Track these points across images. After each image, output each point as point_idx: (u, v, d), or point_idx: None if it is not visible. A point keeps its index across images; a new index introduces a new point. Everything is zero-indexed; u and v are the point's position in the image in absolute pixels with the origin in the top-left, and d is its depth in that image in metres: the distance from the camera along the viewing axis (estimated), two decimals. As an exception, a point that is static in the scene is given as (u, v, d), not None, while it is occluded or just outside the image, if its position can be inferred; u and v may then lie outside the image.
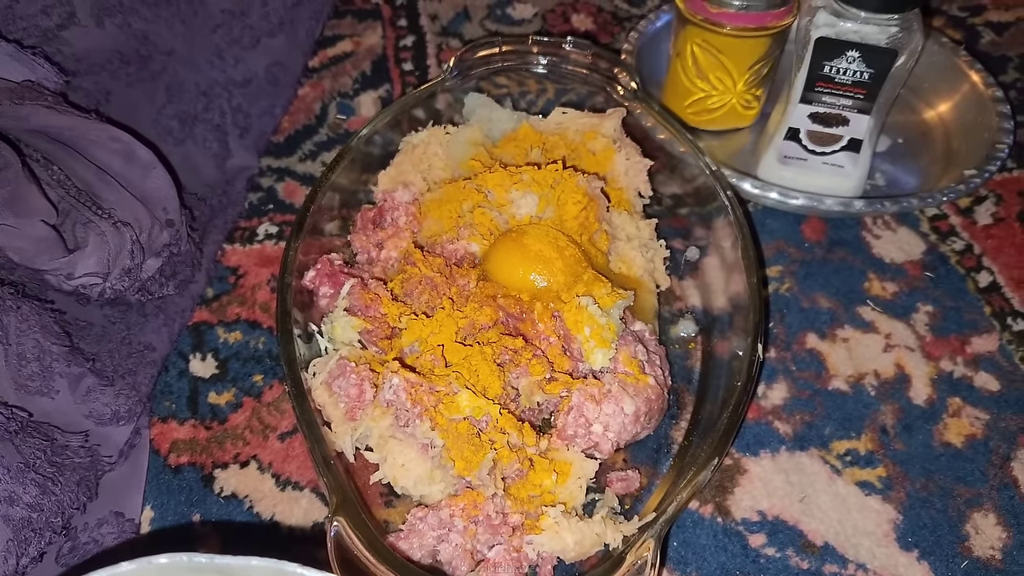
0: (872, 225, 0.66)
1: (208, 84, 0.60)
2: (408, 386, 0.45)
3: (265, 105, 0.67)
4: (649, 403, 0.48)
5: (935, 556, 0.48)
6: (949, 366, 0.57)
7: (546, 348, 0.49)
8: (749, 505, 0.50)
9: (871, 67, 0.59)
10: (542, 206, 0.54)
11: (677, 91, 0.70)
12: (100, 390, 0.46)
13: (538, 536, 0.44)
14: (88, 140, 0.48)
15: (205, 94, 0.60)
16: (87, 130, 0.48)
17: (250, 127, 0.64)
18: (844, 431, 0.53)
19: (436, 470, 0.45)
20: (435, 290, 0.51)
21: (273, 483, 0.50)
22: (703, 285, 0.58)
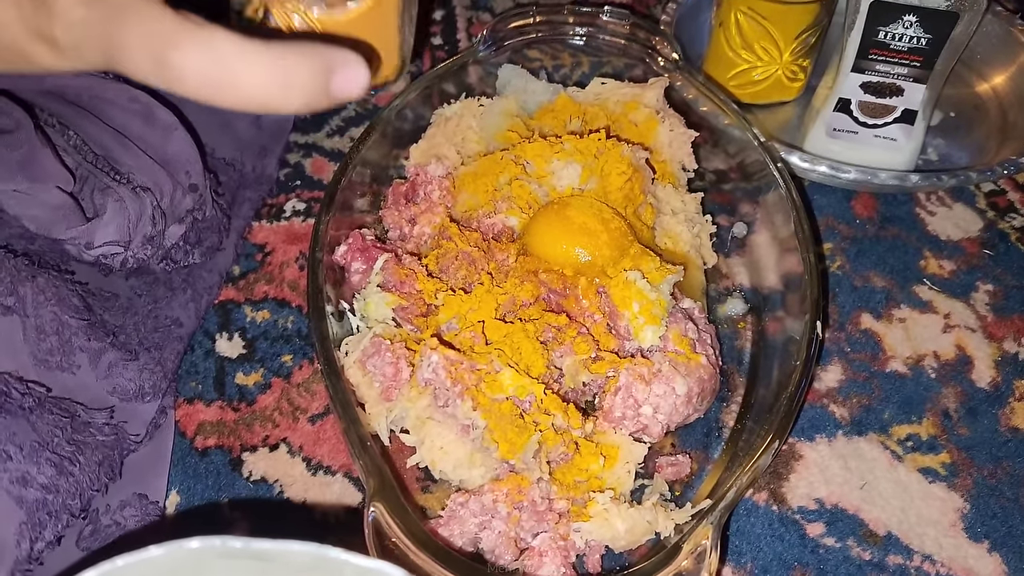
0: (926, 201, 0.62)
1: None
2: (448, 364, 0.42)
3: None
4: (701, 383, 0.45)
5: (1007, 548, 0.45)
6: (1013, 347, 0.54)
7: (591, 325, 0.46)
8: (805, 492, 0.47)
9: (929, 32, 0.56)
10: (585, 177, 0.51)
11: (720, 63, 0.67)
12: (123, 365, 0.43)
13: (586, 523, 0.41)
14: (105, 101, 0.45)
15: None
16: (104, 90, 0.45)
17: None
18: (904, 415, 0.50)
19: (476, 453, 0.43)
20: (473, 265, 0.48)
21: (304, 467, 0.48)
22: (752, 262, 0.55)
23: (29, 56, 0.29)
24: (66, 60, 0.28)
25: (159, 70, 0.27)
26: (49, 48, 0.28)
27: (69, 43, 0.28)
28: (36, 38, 0.28)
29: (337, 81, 0.29)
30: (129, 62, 0.27)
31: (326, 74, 0.29)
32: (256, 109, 0.28)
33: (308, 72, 0.28)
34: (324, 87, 0.29)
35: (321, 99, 0.29)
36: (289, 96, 0.28)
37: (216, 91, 0.27)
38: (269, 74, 0.28)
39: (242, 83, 0.27)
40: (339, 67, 0.29)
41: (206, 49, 0.27)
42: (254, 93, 0.28)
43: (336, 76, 0.29)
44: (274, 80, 0.28)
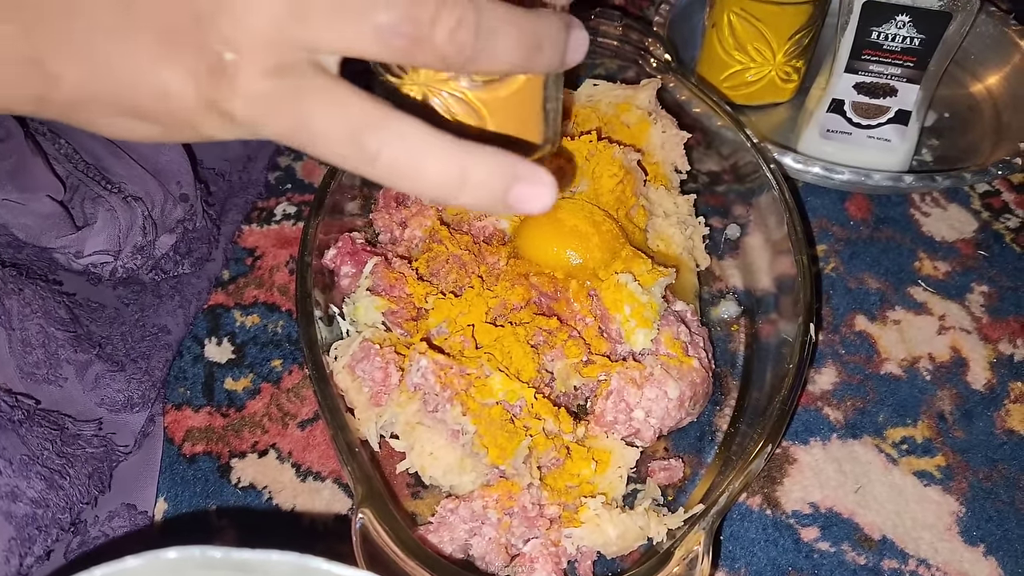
0: (920, 202, 0.62)
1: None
2: (437, 368, 0.42)
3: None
4: (694, 387, 0.45)
5: (1004, 552, 0.45)
6: (1009, 349, 0.53)
7: (582, 329, 0.46)
8: (800, 496, 0.47)
9: (922, 32, 0.56)
10: (576, 179, 0.51)
11: (712, 64, 0.66)
12: (110, 376, 0.43)
13: (577, 529, 0.41)
14: (96, 109, 0.45)
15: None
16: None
17: None
18: (899, 418, 0.50)
19: (467, 459, 0.42)
20: (463, 269, 0.48)
21: (293, 473, 0.47)
22: (745, 265, 0.55)
23: (197, 126, 0.27)
24: (238, 131, 0.28)
25: (352, 151, 0.27)
26: (222, 121, 0.27)
27: (248, 118, 0.27)
28: (209, 110, 0.27)
29: (519, 192, 0.28)
30: (319, 142, 0.27)
31: (508, 180, 0.28)
32: (426, 197, 0.28)
33: (488, 175, 0.28)
34: (502, 193, 0.28)
35: (496, 205, 0.28)
36: (463, 193, 0.28)
37: (399, 178, 0.27)
38: (451, 169, 0.27)
39: (426, 175, 0.27)
40: (525, 179, 0.28)
41: (401, 137, 0.27)
42: (432, 184, 0.27)
43: (519, 186, 0.28)
44: (453, 175, 0.27)
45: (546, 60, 0.30)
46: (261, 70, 0.26)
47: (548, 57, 0.30)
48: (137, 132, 0.28)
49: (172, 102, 0.26)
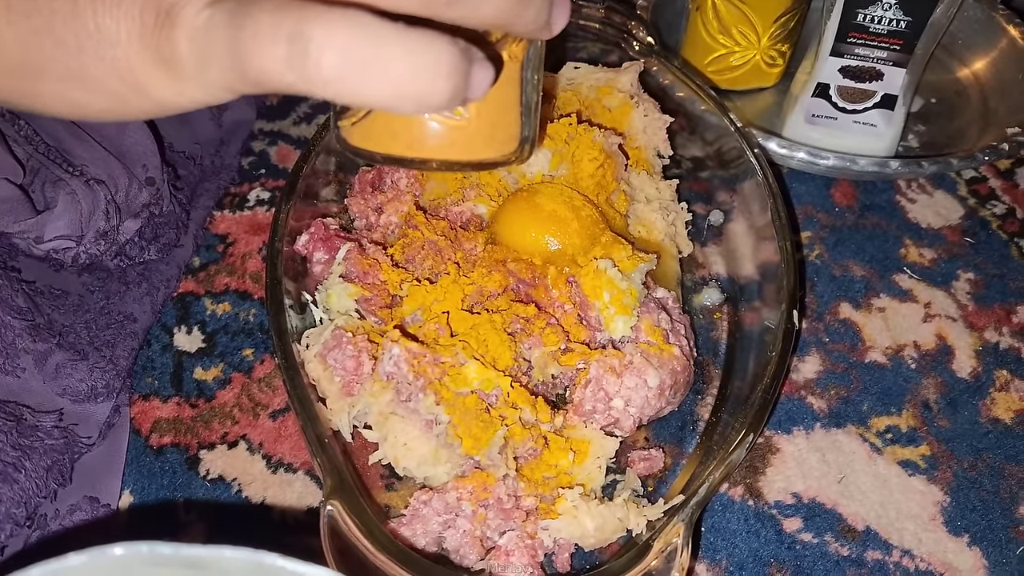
0: (906, 189, 0.61)
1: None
2: (410, 356, 0.41)
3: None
4: (674, 375, 0.43)
5: (987, 541, 0.44)
6: (994, 337, 0.53)
7: (561, 316, 0.45)
8: (782, 487, 0.46)
9: (909, 14, 0.55)
10: (555, 163, 0.49)
11: (697, 48, 0.65)
12: (72, 365, 0.41)
13: (554, 521, 0.40)
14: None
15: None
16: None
17: None
18: (883, 407, 0.49)
19: (441, 449, 0.41)
20: (439, 255, 0.47)
21: (264, 465, 0.46)
22: (728, 251, 0.54)
23: (143, 86, 0.26)
24: (186, 86, 0.25)
25: (295, 56, 0.23)
26: (168, 74, 0.25)
27: (193, 56, 0.25)
28: (155, 60, 0.25)
29: (474, 75, 0.26)
30: (259, 56, 0.24)
31: (469, 64, 0.25)
32: (392, 102, 0.25)
33: (456, 57, 0.25)
34: (466, 78, 0.25)
35: (459, 93, 0.25)
36: (436, 85, 0.25)
37: (360, 77, 0.24)
38: (421, 54, 0.24)
39: (394, 66, 0.24)
40: (476, 60, 0.26)
41: (351, 22, 0.23)
42: (403, 80, 0.24)
43: (475, 68, 0.26)
44: (425, 62, 0.24)
45: (531, 18, 0.28)
46: (202, 3, 0.24)
47: (534, 15, 0.28)
48: (85, 104, 0.26)
49: (118, 58, 0.25)
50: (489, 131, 0.33)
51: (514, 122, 0.34)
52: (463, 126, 0.32)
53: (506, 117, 0.33)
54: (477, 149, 0.33)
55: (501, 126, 0.33)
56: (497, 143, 0.33)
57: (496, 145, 0.33)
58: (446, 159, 0.33)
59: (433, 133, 0.32)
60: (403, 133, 0.32)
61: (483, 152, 0.33)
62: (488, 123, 0.33)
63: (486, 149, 0.33)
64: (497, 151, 0.34)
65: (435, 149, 0.32)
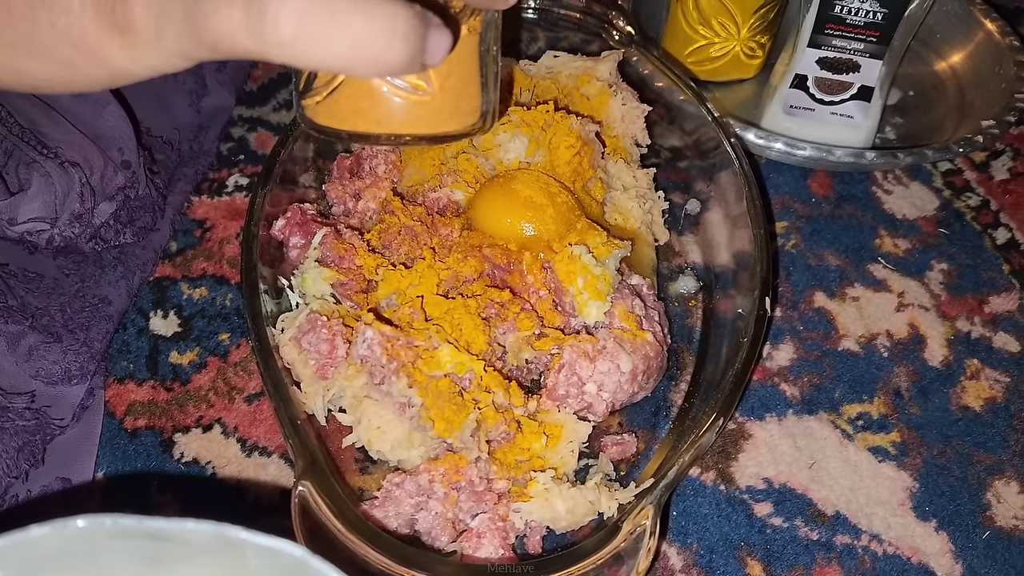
0: (882, 180, 0.62)
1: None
2: (383, 340, 0.41)
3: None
4: (647, 361, 0.44)
5: (954, 526, 0.44)
6: (966, 326, 0.53)
7: (536, 302, 0.45)
8: (754, 472, 0.46)
9: (885, 6, 0.55)
10: (532, 150, 0.50)
11: (677, 39, 0.65)
12: (45, 347, 0.41)
13: (526, 504, 0.40)
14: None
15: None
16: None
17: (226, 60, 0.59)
18: (855, 394, 0.50)
19: (415, 433, 0.41)
20: (415, 240, 0.47)
21: (238, 448, 0.46)
22: (704, 240, 0.54)
23: (98, 53, 0.25)
24: (141, 53, 0.25)
25: (252, 18, 0.23)
26: (123, 40, 0.25)
27: (149, 22, 0.24)
28: (110, 27, 0.24)
29: (431, 39, 0.26)
30: (216, 19, 0.23)
31: (426, 27, 0.26)
32: (349, 64, 0.25)
33: (412, 20, 0.25)
34: (422, 40, 0.25)
35: (416, 56, 0.25)
36: (393, 47, 0.25)
37: (317, 39, 0.24)
38: (378, 16, 0.24)
39: (351, 27, 0.24)
40: (432, 25, 0.26)
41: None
42: (360, 41, 0.24)
43: (430, 34, 0.26)
44: (382, 23, 0.24)
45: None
46: None
47: None
48: (34, 72, 0.26)
49: (72, 25, 0.25)
50: (452, 104, 0.33)
51: (475, 94, 0.34)
52: (426, 101, 0.33)
53: (467, 90, 0.34)
54: (441, 122, 0.34)
55: (463, 98, 0.34)
56: (460, 115, 0.34)
57: (459, 117, 0.34)
58: (411, 133, 0.33)
59: (397, 108, 0.32)
60: (368, 110, 0.32)
61: (447, 125, 0.34)
62: (451, 96, 0.33)
63: (450, 122, 0.34)
64: (460, 123, 0.34)
65: (400, 124, 0.33)
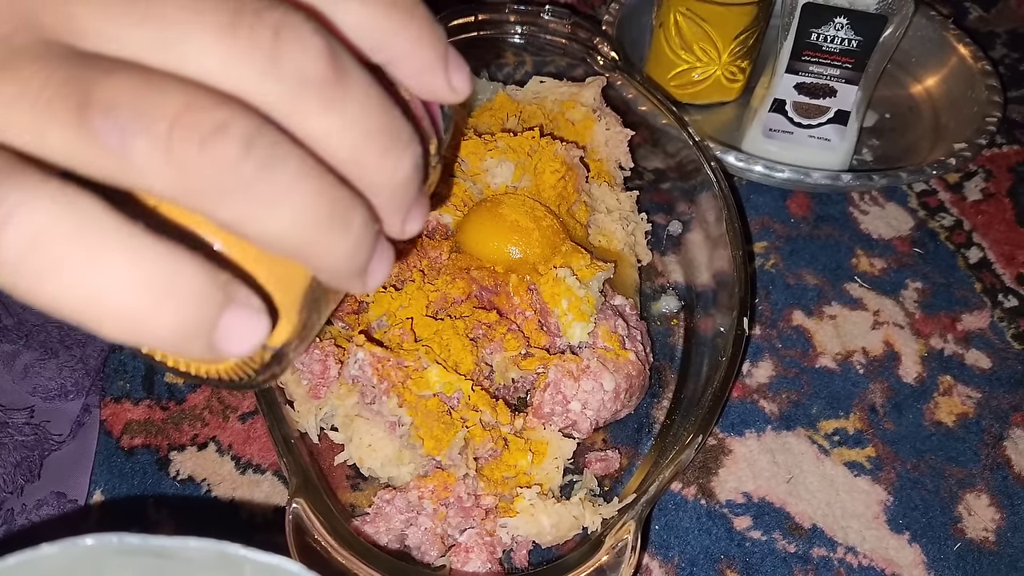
0: (859, 201, 0.64)
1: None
2: (374, 361, 0.42)
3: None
4: (630, 379, 0.45)
5: (927, 538, 0.46)
6: (939, 343, 0.55)
7: (522, 322, 0.46)
8: (734, 487, 0.48)
9: (860, 34, 0.57)
10: (518, 175, 0.51)
11: (660, 63, 0.67)
12: (41, 364, 0.43)
13: (512, 519, 0.41)
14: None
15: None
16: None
17: None
18: (832, 410, 0.51)
19: (405, 450, 0.43)
20: (405, 262, 0.48)
21: (233, 466, 0.47)
22: (686, 261, 0.56)
23: None
24: None
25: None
26: None
27: None
28: None
29: (228, 321, 0.19)
30: None
31: (220, 302, 0.19)
32: (84, 314, 0.18)
33: (201, 285, 0.19)
34: (210, 320, 0.19)
35: (195, 338, 0.19)
36: (159, 314, 0.18)
37: (48, 267, 0.18)
38: (150, 262, 0.18)
39: (103, 263, 0.18)
40: (235, 302, 0.19)
41: (68, 199, 0.18)
42: (110, 286, 0.18)
43: (229, 314, 0.19)
44: (153, 274, 0.18)
45: (340, 256, 0.21)
46: None
47: (345, 253, 0.21)
48: None
49: None
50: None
51: (295, 311, 0.25)
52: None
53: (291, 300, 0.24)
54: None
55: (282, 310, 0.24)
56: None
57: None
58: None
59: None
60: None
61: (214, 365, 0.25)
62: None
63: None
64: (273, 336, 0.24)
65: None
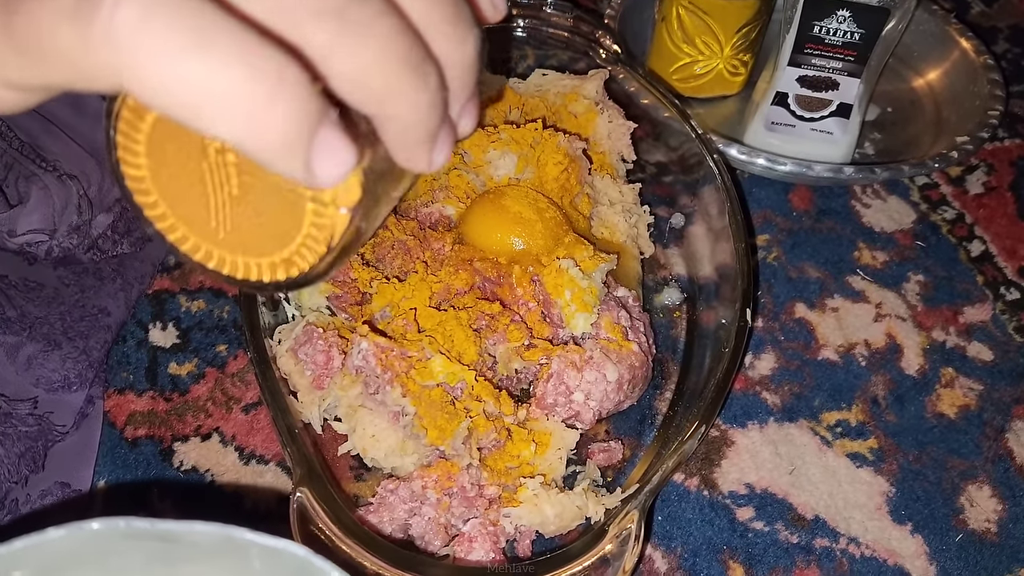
0: (861, 194, 0.64)
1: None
2: (378, 351, 0.42)
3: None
4: (633, 370, 0.45)
5: (929, 529, 0.46)
6: (941, 336, 0.55)
7: (525, 314, 0.47)
8: (736, 478, 0.48)
9: (862, 27, 0.57)
10: (521, 167, 0.51)
11: (662, 57, 0.67)
12: (44, 356, 0.43)
13: (516, 509, 0.41)
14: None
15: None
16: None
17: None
18: (834, 402, 0.51)
19: (408, 441, 0.43)
20: (408, 254, 0.48)
21: (236, 457, 0.47)
22: (688, 253, 0.56)
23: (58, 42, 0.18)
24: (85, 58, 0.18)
25: (83, 5, 0.17)
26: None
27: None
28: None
29: (324, 136, 0.19)
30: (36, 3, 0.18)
31: (320, 112, 0.19)
32: (199, 101, 0.18)
33: (305, 87, 0.18)
34: (311, 129, 0.19)
35: (297, 148, 0.19)
36: (272, 109, 0.18)
37: (163, 56, 0.17)
38: (260, 58, 0.18)
39: (217, 52, 0.18)
40: (330, 120, 0.19)
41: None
42: (227, 76, 0.18)
43: (324, 130, 0.19)
44: (265, 70, 0.18)
45: (416, 107, 0.21)
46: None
47: (423, 106, 0.21)
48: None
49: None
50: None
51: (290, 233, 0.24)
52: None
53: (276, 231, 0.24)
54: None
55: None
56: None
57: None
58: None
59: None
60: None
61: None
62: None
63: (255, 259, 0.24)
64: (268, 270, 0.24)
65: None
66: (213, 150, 0.22)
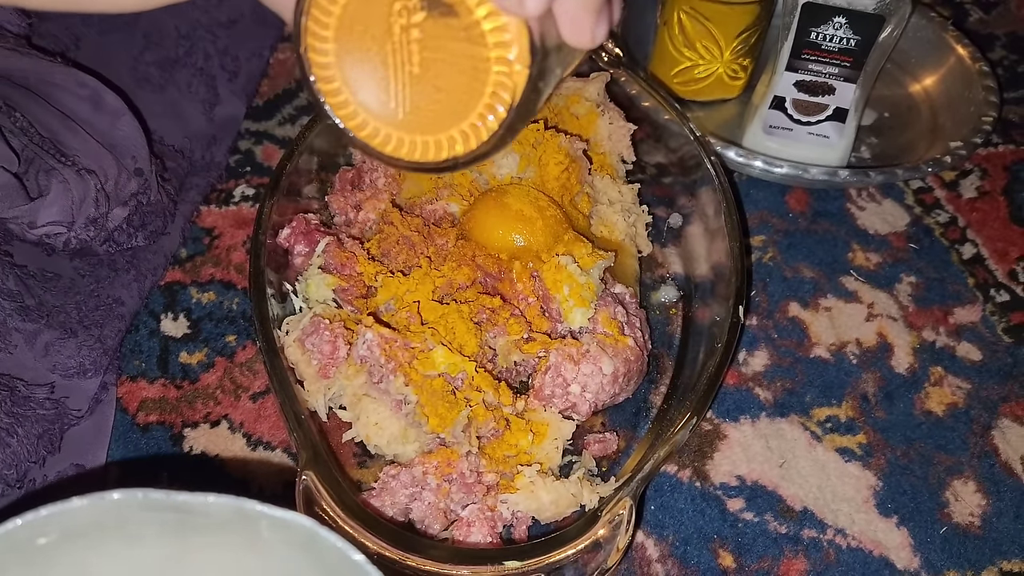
0: (856, 197, 0.65)
1: (190, 27, 0.58)
2: (382, 341, 0.44)
3: (253, 47, 0.65)
4: (628, 364, 0.47)
5: (914, 522, 0.48)
6: (931, 336, 0.56)
7: (524, 308, 0.48)
8: (728, 470, 0.49)
9: (858, 33, 0.58)
10: (523, 166, 0.53)
11: (664, 60, 0.69)
12: (60, 343, 0.44)
13: (513, 495, 0.43)
14: (53, 85, 0.46)
15: (187, 37, 0.58)
16: (52, 74, 0.46)
17: (239, 70, 0.62)
18: (825, 398, 0.53)
19: (410, 429, 0.44)
20: (412, 249, 0.50)
21: (244, 443, 0.49)
22: (685, 252, 0.57)
23: None
24: None
25: None
26: None
27: None
28: None
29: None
30: None
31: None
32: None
33: None
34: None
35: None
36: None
37: None
38: None
39: None
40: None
41: None
42: None
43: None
44: None
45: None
46: None
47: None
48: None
49: None
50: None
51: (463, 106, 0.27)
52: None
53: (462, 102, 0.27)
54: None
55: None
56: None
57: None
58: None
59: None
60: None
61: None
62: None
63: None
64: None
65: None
66: (399, 28, 0.25)
